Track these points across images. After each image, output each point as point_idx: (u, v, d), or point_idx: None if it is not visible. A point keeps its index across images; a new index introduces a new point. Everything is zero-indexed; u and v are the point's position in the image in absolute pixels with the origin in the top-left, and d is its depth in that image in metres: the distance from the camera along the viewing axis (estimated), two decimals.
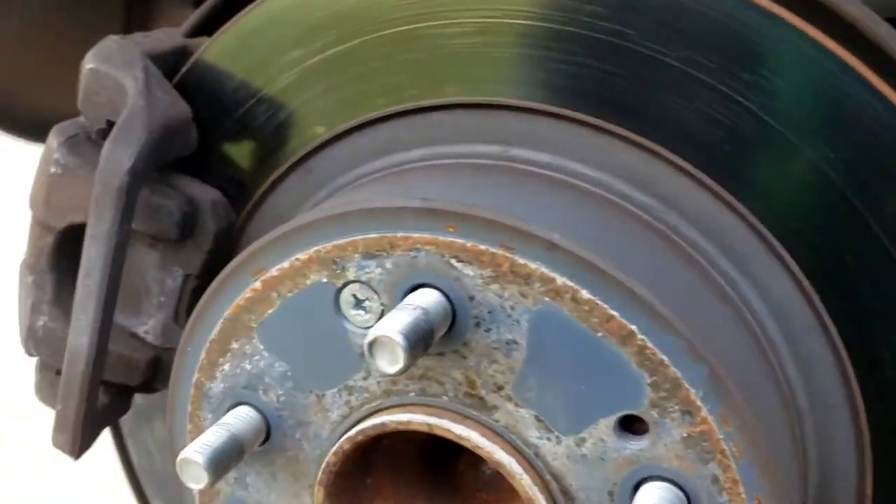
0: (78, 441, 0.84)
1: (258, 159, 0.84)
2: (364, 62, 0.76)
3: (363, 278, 0.67)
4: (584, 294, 0.61)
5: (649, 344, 0.61)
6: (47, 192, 0.82)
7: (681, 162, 0.69)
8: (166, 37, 0.85)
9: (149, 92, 0.78)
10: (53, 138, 0.82)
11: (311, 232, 0.68)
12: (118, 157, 0.74)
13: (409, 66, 0.75)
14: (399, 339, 0.59)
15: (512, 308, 0.63)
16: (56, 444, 0.85)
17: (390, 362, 0.60)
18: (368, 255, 0.66)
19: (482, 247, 0.63)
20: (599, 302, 0.61)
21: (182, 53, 0.85)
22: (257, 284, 0.71)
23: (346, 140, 0.79)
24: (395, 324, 0.60)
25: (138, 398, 0.95)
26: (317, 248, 0.68)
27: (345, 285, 0.68)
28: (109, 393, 0.91)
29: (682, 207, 0.70)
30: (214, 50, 0.81)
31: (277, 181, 0.83)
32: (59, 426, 0.84)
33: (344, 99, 0.78)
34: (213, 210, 0.83)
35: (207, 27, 0.84)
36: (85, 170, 0.81)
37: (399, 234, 0.65)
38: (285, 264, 0.70)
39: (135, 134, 0.75)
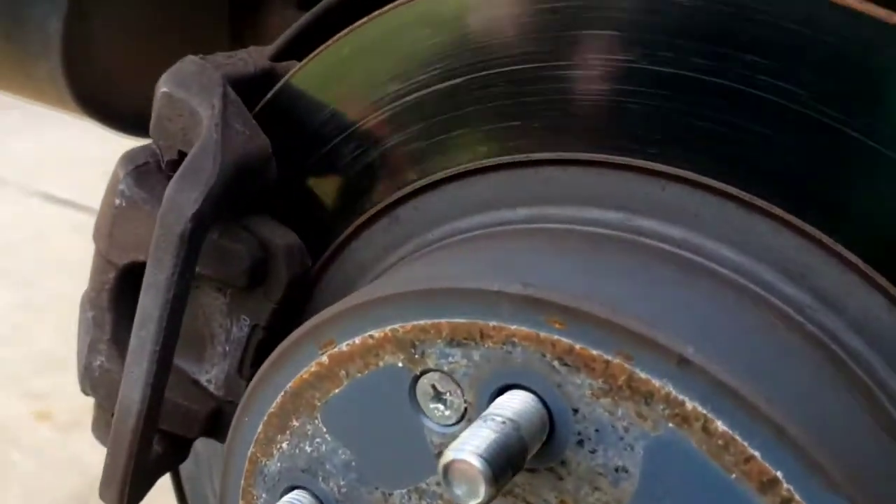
0: (126, 496, 0.76)
1: (342, 202, 0.73)
2: (469, 104, 0.65)
3: (445, 368, 0.56)
4: (720, 425, 0.48)
5: (797, 496, 0.47)
6: (111, 225, 0.74)
7: (848, 254, 0.55)
8: (251, 58, 0.76)
9: (225, 124, 0.68)
10: (121, 166, 0.74)
11: (389, 307, 0.57)
12: (183, 199, 0.65)
13: (520, 110, 0.63)
14: (480, 465, 0.48)
15: (626, 430, 0.51)
16: (103, 497, 0.78)
17: (468, 494, 0.48)
18: (454, 343, 0.55)
19: (594, 352, 0.51)
20: (738, 437, 0.48)
21: (268, 78, 0.76)
22: (324, 359, 0.61)
23: (441, 190, 0.68)
24: (478, 443, 0.49)
25: (198, 445, 0.87)
26: (394, 326, 0.57)
27: (423, 373, 0.57)
28: (165, 443, 0.83)
29: (844, 308, 0.56)
30: (303, 76, 0.71)
31: (361, 228, 0.73)
32: (106, 480, 0.76)
33: (442, 143, 0.67)
34: (286, 257, 0.73)
35: (297, 50, 0.74)
36: (151, 204, 0.72)
37: (492, 324, 0.53)
38: (356, 340, 0.59)
39: (204, 174, 0.66)
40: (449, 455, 0.49)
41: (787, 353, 0.54)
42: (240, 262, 0.72)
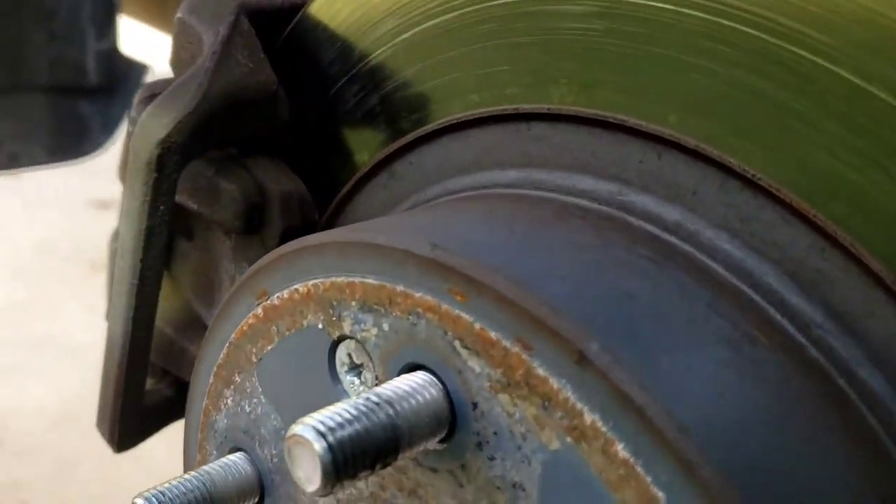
0: (117, 433, 0.74)
1: (347, 151, 0.67)
2: (461, 43, 0.56)
3: (359, 336, 0.48)
4: (620, 450, 0.37)
5: None
6: (123, 154, 0.72)
7: (873, 262, 0.41)
8: None
9: (225, 53, 0.64)
10: (137, 95, 0.71)
11: (314, 258, 0.50)
12: (154, 124, 0.61)
13: (510, 53, 0.53)
14: (320, 449, 0.40)
15: (523, 438, 0.41)
16: (99, 430, 0.76)
17: (306, 479, 0.40)
18: (366, 308, 0.47)
19: (493, 334, 0.41)
20: (640, 469, 0.36)
21: (296, 12, 0.70)
22: (259, 311, 0.55)
23: (437, 144, 0.60)
24: (331, 423, 0.41)
25: None
26: (316, 281, 0.50)
27: (340, 339, 0.50)
28: (175, 387, 0.80)
29: (865, 333, 0.42)
30: (317, 8, 0.65)
31: (362, 182, 0.66)
32: (100, 414, 0.74)
33: (436, 90, 0.58)
34: (282, 204, 0.67)
35: None
36: None
37: (399, 288, 0.45)
38: (285, 294, 0.52)
39: (183, 100, 0.62)
40: (293, 429, 0.41)
41: (757, 377, 0.41)
42: (233, 204, 0.67)
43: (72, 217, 3.25)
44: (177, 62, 0.69)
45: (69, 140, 1.61)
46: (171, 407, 0.80)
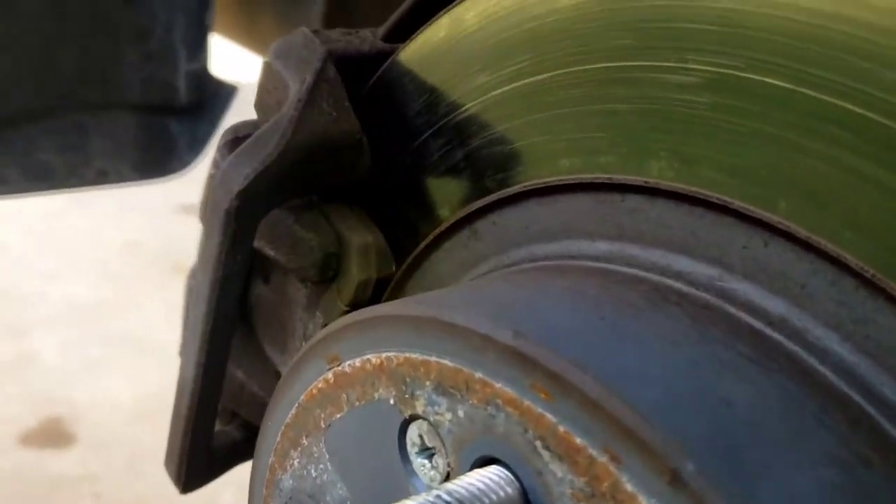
0: (183, 475, 0.73)
1: (429, 205, 0.64)
2: (553, 105, 0.53)
3: (432, 418, 0.45)
4: None
5: None
6: (205, 195, 0.71)
7: None
8: (371, 37, 0.69)
9: (309, 101, 0.62)
10: (221, 137, 0.71)
11: (388, 331, 0.48)
12: (235, 174, 0.60)
13: (605, 120, 0.50)
14: None
15: None
16: (166, 469, 0.76)
17: None
18: (441, 390, 0.44)
19: (579, 440, 0.38)
20: None
21: (384, 60, 0.68)
22: (330, 376, 0.53)
23: (522, 206, 0.57)
24: None
25: None
26: (389, 353, 0.48)
27: (412, 418, 0.47)
28: (245, 430, 0.79)
29: None
30: (404, 60, 0.63)
31: (442, 237, 0.63)
32: (168, 454, 0.74)
33: (524, 151, 0.56)
34: (360, 256, 0.65)
35: (410, 31, 0.66)
36: None
37: (478, 375, 0.42)
38: (357, 362, 0.50)
39: (265, 150, 0.60)
40: None
41: None
42: (310, 253, 0.65)
43: (158, 221, 3.35)
44: (262, 106, 0.67)
45: (157, 158, 1.63)
46: (239, 449, 0.79)
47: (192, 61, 1.57)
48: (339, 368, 0.52)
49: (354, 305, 0.67)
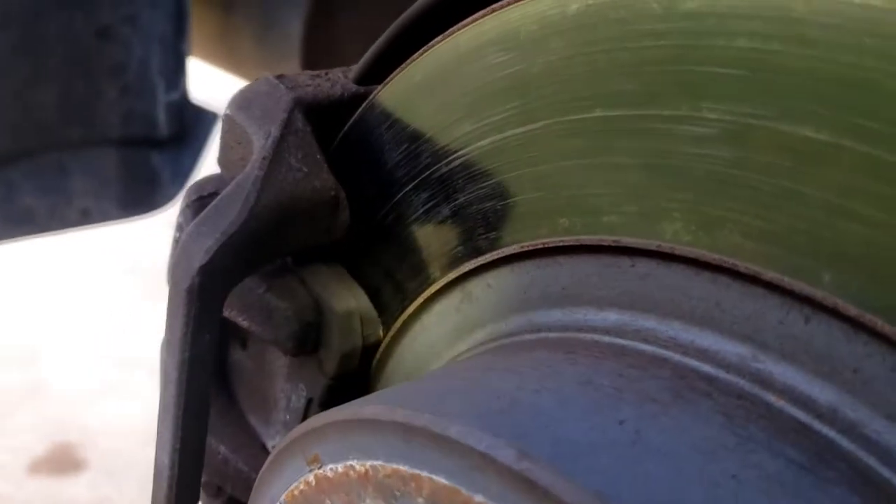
0: None
1: (416, 265, 0.57)
2: (549, 157, 0.45)
3: None
4: None
5: None
6: (170, 260, 0.64)
7: None
8: (343, 79, 0.61)
9: (276, 158, 0.55)
10: (185, 196, 0.63)
11: (372, 435, 0.40)
12: (195, 248, 0.52)
13: (608, 176, 0.43)
14: None
15: None
16: None
17: None
18: None
19: None
20: None
21: (358, 103, 0.61)
22: (311, 479, 0.45)
23: (519, 268, 0.49)
24: None
25: None
26: (375, 463, 0.40)
27: None
28: None
29: None
30: (379, 106, 0.56)
31: (432, 300, 0.56)
32: None
33: (519, 208, 0.48)
34: (342, 325, 0.58)
35: (386, 72, 0.59)
36: None
37: (478, 499, 0.35)
38: (339, 468, 0.43)
39: (226, 218, 0.53)
40: None
41: None
42: (286, 324, 0.58)
43: (162, 242, 3.30)
44: (225, 163, 0.60)
45: (141, 193, 1.56)
46: None
47: (171, 91, 1.49)
48: (321, 472, 0.44)
49: (340, 377, 0.59)
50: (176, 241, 0.63)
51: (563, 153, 0.44)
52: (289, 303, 0.58)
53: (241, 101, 0.58)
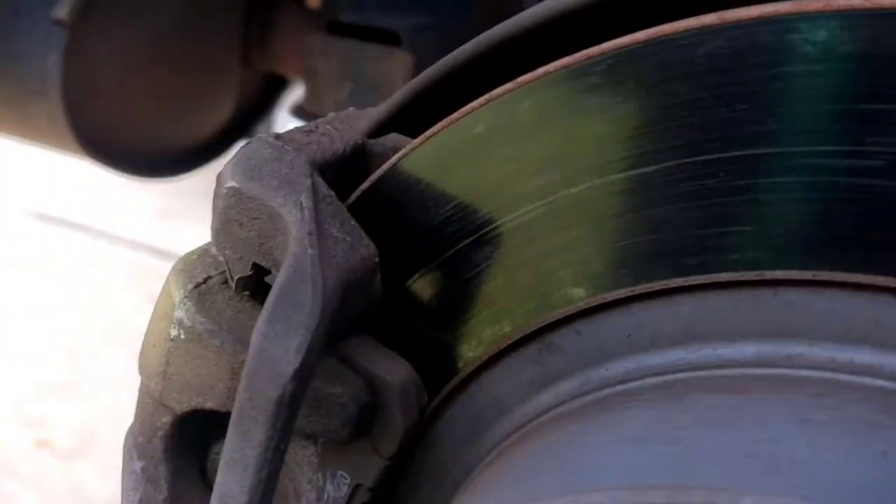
0: None
1: (472, 321, 0.54)
2: (672, 200, 0.45)
3: None
4: None
5: None
6: (164, 362, 0.54)
7: None
8: (337, 132, 0.56)
9: (321, 231, 0.49)
10: (176, 285, 0.54)
11: None
12: (278, 351, 0.45)
13: (750, 211, 0.43)
14: None
15: None
16: None
17: None
18: None
19: None
20: None
21: (360, 157, 0.56)
22: None
23: (622, 311, 0.49)
24: None
25: None
26: None
27: None
28: None
29: None
30: (418, 159, 0.52)
31: (502, 354, 0.53)
32: None
33: (625, 251, 0.47)
34: (403, 400, 0.53)
35: (396, 125, 0.55)
36: (220, 338, 0.52)
37: None
38: None
39: (302, 311, 0.46)
40: None
41: None
42: (342, 412, 0.52)
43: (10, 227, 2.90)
44: (231, 242, 0.52)
45: None
46: None
47: None
48: None
49: (399, 457, 0.54)
50: (177, 341, 0.53)
51: (690, 194, 0.44)
52: (341, 387, 0.52)
53: (248, 170, 0.51)
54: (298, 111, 1.44)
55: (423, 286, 0.53)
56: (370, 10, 1.34)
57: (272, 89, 1.83)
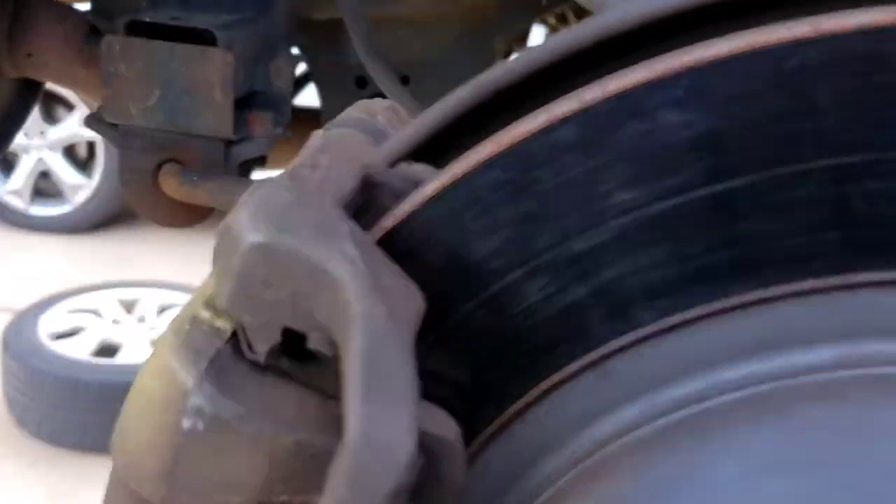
0: None
1: (522, 356, 0.49)
2: (757, 213, 0.44)
3: None
4: None
5: None
6: (173, 459, 0.44)
7: None
8: (345, 164, 0.48)
9: (378, 286, 0.42)
10: (184, 366, 0.44)
11: None
12: (388, 436, 0.38)
13: (840, 217, 0.44)
14: None
15: None
16: None
17: None
18: None
19: None
20: None
21: (368, 190, 0.49)
22: None
23: (691, 329, 0.47)
24: None
25: None
26: None
27: None
28: None
29: None
30: (464, 190, 0.46)
31: (556, 388, 0.49)
32: None
33: (706, 272, 0.46)
34: (456, 454, 0.48)
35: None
36: (255, 423, 0.44)
37: None
38: None
39: (399, 380, 0.39)
40: None
41: None
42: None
43: None
44: (257, 306, 0.43)
45: None
46: None
47: None
48: None
49: None
50: (194, 433, 0.43)
51: (779, 207, 0.44)
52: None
53: (273, 221, 0.43)
54: (94, 121, 1.26)
55: (465, 325, 0.48)
56: (171, 9, 1.21)
57: (25, 96, 1.63)
